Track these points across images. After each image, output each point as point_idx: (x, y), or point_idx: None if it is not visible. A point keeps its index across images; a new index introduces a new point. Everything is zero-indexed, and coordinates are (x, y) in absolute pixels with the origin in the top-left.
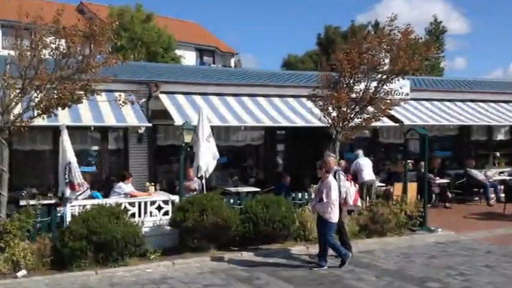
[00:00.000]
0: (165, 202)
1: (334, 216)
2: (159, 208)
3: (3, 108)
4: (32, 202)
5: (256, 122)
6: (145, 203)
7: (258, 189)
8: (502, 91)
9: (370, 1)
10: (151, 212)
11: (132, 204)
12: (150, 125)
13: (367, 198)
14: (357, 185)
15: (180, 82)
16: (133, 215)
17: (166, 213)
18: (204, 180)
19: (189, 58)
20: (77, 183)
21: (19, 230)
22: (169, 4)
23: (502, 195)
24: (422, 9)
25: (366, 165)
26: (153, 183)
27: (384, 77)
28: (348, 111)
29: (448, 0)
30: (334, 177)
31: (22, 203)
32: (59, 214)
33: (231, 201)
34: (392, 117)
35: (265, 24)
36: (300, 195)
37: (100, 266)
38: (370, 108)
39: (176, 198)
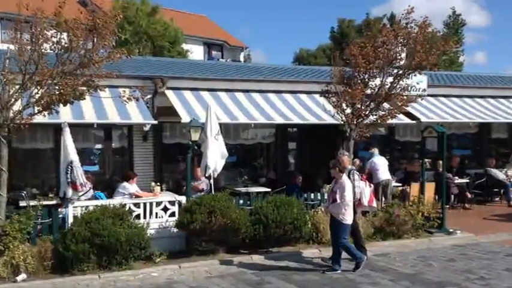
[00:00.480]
0: (172, 203)
1: (348, 218)
2: (165, 209)
3: (2, 105)
4: (32, 203)
5: (266, 119)
6: (151, 204)
7: (269, 190)
8: None
9: None
10: (157, 214)
11: (137, 205)
12: (156, 122)
13: (383, 199)
14: (371, 185)
15: (187, 77)
16: (138, 216)
17: (172, 214)
18: (212, 180)
19: (196, 52)
20: (79, 183)
21: (19, 232)
22: None
23: None
24: (439, 1)
25: (381, 164)
26: (158, 183)
27: (400, 72)
28: (363, 107)
29: None
30: (349, 176)
31: (22, 203)
32: (60, 215)
33: (241, 202)
34: (408, 114)
35: (276, 17)
36: (312, 195)
37: (103, 269)
38: (386, 105)
39: (183, 199)
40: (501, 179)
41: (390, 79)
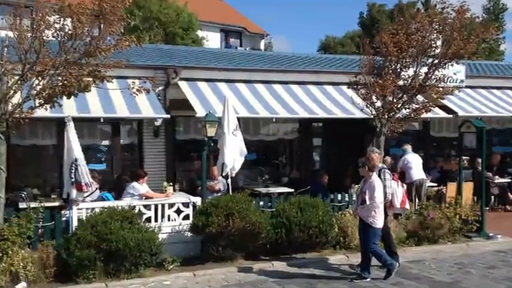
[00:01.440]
0: (185, 205)
1: (378, 221)
2: (179, 211)
3: (0, 98)
4: (33, 205)
5: (289, 113)
6: (163, 205)
7: (292, 190)
8: None
9: None
10: (169, 216)
11: (147, 207)
12: (168, 116)
13: (416, 200)
14: (404, 185)
15: (203, 67)
16: (148, 219)
17: (186, 217)
18: (229, 180)
19: (212, 40)
20: (85, 183)
21: (18, 237)
22: None
23: None
24: None
25: (414, 162)
26: (171, 183)
27: (436, 61)
28: (395, 100)
29: None
30: (379, 176)
31: (22, 205)
32: (63, 218)
33: (261, 203)
34: (444, 108)
35: (299, 1)
36: (339, 196)
37: (111, 277)
38: (420, 98)
39: (198, 200)
40: None
41: (425, 69)
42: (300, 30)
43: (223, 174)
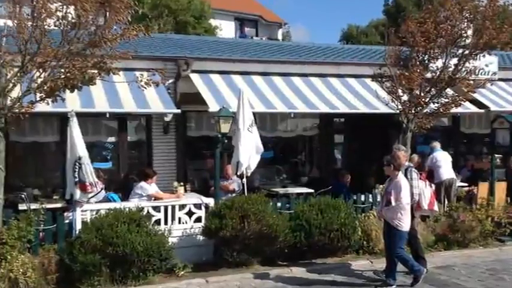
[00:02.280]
0: (197, 206)
1: (404, 224)
2: (190, 213)
3: None
4: (33, 206)
5: (309, 107)
6: (173, 207)
7: (312, 191)
8: None
9: None
10: (180, 219)
11: (156, 208)
12: (179, 111)
13: (445, 201)
14: (432, 185)
15: (216, 59)
16: (158, 222)
17: (198, 219)
18: (245, 180)
19: (226, 29)
20: (89, 183)
21: (18, 241)
22: None
23: None
24: None
25: (443, 160)
26: (182, 183)
27: (466, 52)
28: (422, 94)
29: None
30: (405, 175)
31: (22, 207)
32: (66, 221)
33: (278, 205)
34: (476, 102)
35: None
36: (362, 197)
37: (117, 284)
38: (449, 91)
39: (211, 201)
40: None
41: (454, 60)
42: (319, 18)
43: (238, 174)
